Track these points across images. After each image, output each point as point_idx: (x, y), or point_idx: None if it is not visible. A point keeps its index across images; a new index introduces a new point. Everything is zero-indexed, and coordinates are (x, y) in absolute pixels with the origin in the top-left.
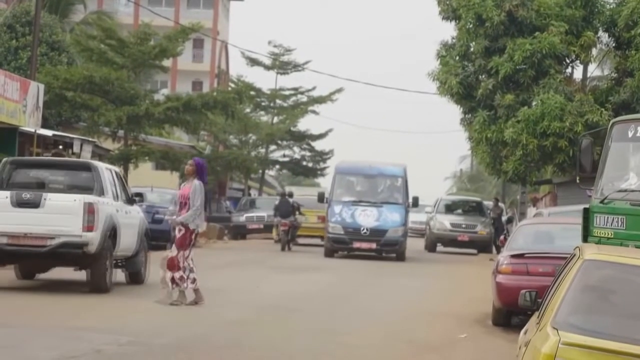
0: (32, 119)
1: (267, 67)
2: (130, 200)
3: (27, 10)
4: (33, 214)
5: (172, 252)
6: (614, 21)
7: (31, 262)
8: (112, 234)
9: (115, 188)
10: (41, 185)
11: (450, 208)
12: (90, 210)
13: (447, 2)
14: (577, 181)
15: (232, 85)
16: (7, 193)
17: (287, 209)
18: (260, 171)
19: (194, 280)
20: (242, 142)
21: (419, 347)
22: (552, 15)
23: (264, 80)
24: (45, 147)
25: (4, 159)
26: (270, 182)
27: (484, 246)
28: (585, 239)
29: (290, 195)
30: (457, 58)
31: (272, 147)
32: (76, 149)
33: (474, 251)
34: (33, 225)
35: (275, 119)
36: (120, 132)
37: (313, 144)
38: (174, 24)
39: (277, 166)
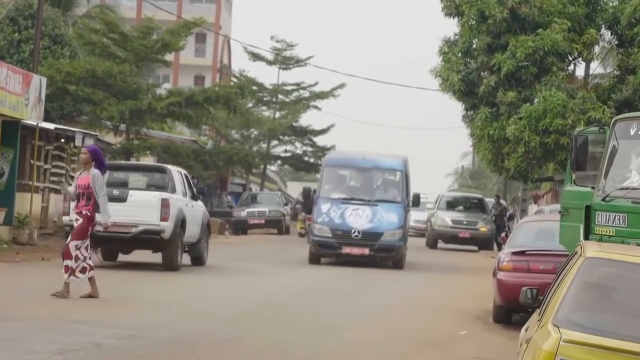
0: (34, 112)
1: (270, 62)
2: (195, 196)
3: (29, 4)
4: (120, 207)
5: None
6: (617, 19)
7: (118, 245)
8: (181, 223)
9: (184, 187)
10: (125, 184)
11: (451, 205)
12: (165, 204)
13: None
14: (573, 179)
15: (234, 80)
16: None
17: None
18: (262, 166)
19: (83, 270)
20: (243, 137)
21: (419, 343)
22: (554, 12)
23: (266, 76)
24: (47, 141)
25: None
26: (271, 177)
27: (484, 243)
28: (586, 236)
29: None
30: (460, 55)
31: (274, 142)
32: (78, 142)
33: (475, 248)
34: (120, 216)
35: (277, 114)
36: (122, 126)
37: (315, 139)
38: (177, 18)
39: (279, 161)
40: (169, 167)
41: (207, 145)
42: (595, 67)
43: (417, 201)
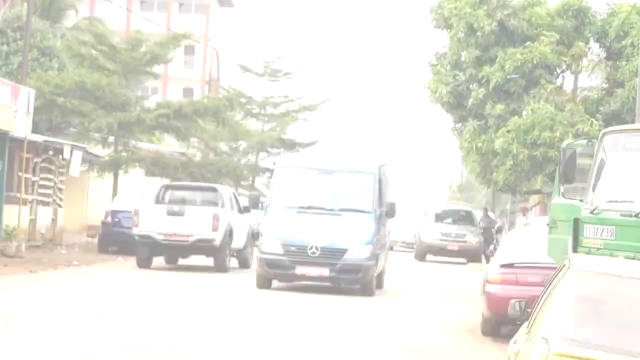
0: (22, 124)
1: (259, 75)
2: (241, 211)
3: (18, 16)
4: (179, 220)
5: None
6: (605, 31)
7: (177, 251)
8: (229, 233)
9: (232, 203)
10: (183, 201)
11: (440, 217)
12: (216, 218)
13: (439, 11)
14: (562, 191)
15: (223, 92)
16: (164, 206)
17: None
18: (251, 178)
19: None
20: (232, 149)
21: (408, 355)
22: (543, 25)
23: (255, 88)
24: (35, 153)
25: (160, 184)
26: (260, 189)
27: (473, 255)
28: (575, 249)
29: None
30: (448, 67)
31: (263, 154)
32: (66, 154)
33: (464, 260)
34: (179, 228)
35: (266, 127)
36: (111, 138)
37: (303, 151)
38: (166, 30)
39: (268, 174)
40: (220, 187)
41: (196, 157)
42: (584, 80)
43: (392, 211)
